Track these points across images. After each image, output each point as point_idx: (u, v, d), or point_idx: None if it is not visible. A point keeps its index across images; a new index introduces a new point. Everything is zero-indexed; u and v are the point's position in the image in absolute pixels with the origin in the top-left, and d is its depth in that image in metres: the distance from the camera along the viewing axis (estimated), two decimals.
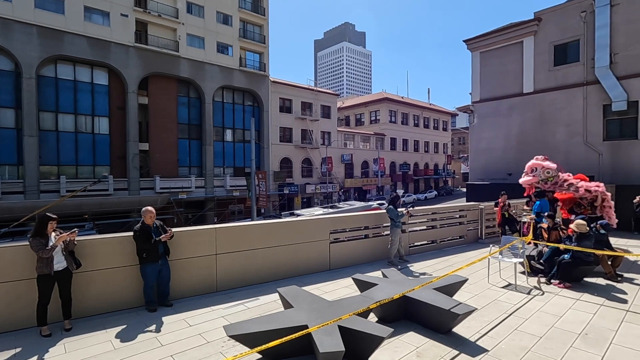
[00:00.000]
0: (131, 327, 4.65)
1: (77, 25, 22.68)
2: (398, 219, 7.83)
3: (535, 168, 8.15)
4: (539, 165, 8.13)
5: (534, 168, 8.18)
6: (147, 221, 5.26)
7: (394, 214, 7.82)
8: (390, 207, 7.94)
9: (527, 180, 8.22)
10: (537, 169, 8.11)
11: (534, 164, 8.25)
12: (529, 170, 8.27)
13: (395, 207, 7.96)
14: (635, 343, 4.16)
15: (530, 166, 8.28)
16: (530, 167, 8.27)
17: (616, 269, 6.79)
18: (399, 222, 7.87)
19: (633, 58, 13.67)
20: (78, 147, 23.75)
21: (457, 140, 69.12)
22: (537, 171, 8.08)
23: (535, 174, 8.10)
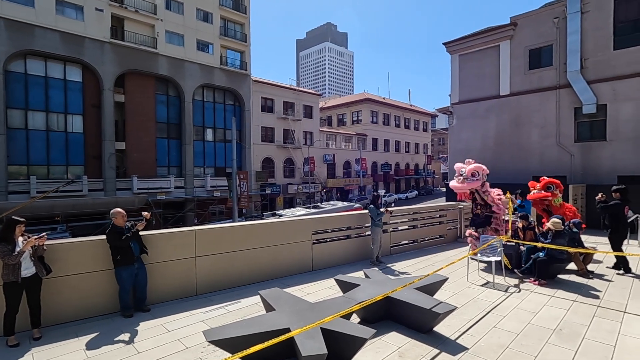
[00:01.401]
0: (105, 334, 4.47)
1: (48, 19, 21.73)
2: (377, 218, 7.87)
3: (477, 172, 7.65)
4: (480, 169, 7.68)
5: (475, 172, 7.66)
6: (118, 223, 5.07)
7: (374, 213, 7.89)
8: (371, 207, 8.00)
9: (473, 185, 7.64)
10: (479, 173, 7.66)
11: (476, 167, 7.71)
12: (470, 174, 7.66)
13: (377, 206, 7.97)
14: (605, 337, 4.33)
15: (471, 170, 7.69)
16: (471, 170, 7.69)
17: (587, 266, 7.08)
18: (379, 221, 7.90)
19: (601, 63, 14.31)
20: (50, 146, 22.75)
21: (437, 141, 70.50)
22: (479, 175, 7.66)
23: (478, 178, 7.64)
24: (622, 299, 5.62)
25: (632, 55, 13.63)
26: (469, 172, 7.69)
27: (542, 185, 8.42)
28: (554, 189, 8.18)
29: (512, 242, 7.22)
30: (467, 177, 7.65)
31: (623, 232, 7.45)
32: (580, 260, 6.97)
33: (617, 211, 7.35)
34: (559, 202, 8.27)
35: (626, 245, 9.77)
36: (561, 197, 8.42)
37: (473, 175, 7.64)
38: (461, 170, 7.84)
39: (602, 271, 7.23)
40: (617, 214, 7.35)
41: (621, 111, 13.91)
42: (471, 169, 7.69)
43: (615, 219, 7.36)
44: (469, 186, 7.68)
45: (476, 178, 7.61)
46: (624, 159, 13.86)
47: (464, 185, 7.69)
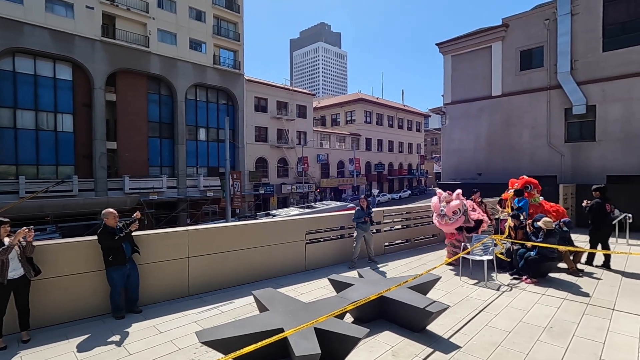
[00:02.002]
0: (96, 336, 4.41)
1: (37, 16, 21.36)
2: (356, 220, 7.79)
3: (458, 210, 7.27)
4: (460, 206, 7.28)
5: (456, 211, 7.28)
6: (110, 223, 5.01)
7: (355, 215, 7.86)
8: (357, 209, 7.95)
9: (456, 224, 7.32)
10: (460, 210, 7.28)
11: (456, 206, 7.28)
12: (451, 213, 7.28)
13: (362, 208, 7.81)
14: (595, 334, 4.40)
15: (451, 210, 7.26)
16: (451, 210, 7.26)
17: (577, 264, 7.19)
18: (361, 223, 7.76)
19: (591, 65, 14.53)
20: (39, 145, 22.38)
21: (430, 141, 70.96)
22: (460, 212, 7.31)
23: (460, 216, 7.30)
24: (611, 297, 5.71)
25: (621, 57, 13.87)
26: (449, 212, 7.24)
27: (520, 185, 8.47)
28: (532, 189, 8.22)
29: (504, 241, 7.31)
30: (450, 217, 7.24)
31: (607, 230, 7.69)
32: (570, 258, 7.07)
33: (598, 209, 7.55)
34: (538, 202, 8.34)
35: (614, 244, 9.95)
36: (539, 196, 8.48)
37: (455, 214, 7.23)
38: (440, 210, 7.37)
39: (591, 269, 7.34)
40: (599, 212, 7.56)
41: (610, 112, 14.14)
42: (451, 209, 7.21)
43: (597, 217, 7.57)
44: (453, 226, 7.34)
45: (458, 216, 7.24)
46: (613, 159, 14.09)
47: (449, 227, 7.36)
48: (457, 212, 7.20)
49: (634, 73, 13.55)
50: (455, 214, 7.19)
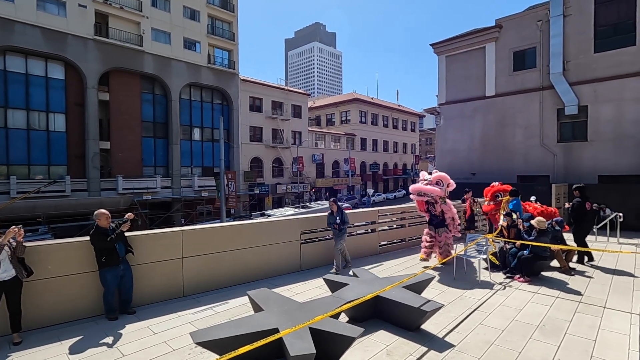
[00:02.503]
0: (89, 338, 4.38)
1: (28, 14, 21.09)
2: (329, 225, 7.34)
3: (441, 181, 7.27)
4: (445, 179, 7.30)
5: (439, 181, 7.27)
6: (102, 224, 4.96)
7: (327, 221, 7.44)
8: (328, 213, 7.54)
9: (435, 191, 7.14)
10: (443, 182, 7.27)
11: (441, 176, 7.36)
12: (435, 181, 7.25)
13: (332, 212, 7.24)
14: (587, 332, 4.46)
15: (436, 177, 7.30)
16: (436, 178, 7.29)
17: (569, 263, 7.27)
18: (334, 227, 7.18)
19: (582, 66, 14.71)
20: (30, 145, 22.11)
21: (425, 141, 71.27)
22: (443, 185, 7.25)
23: (441, 187, 7.22)
24: (602, 295, 5.79)
25: (612, 58, 14.05)
26: (434, 179, 7.25)
27: (490, 197, 8.66)
28: (502, 196, 8.35)
29: (497, 240, 7.37)
30: (431, 183, 7.22)
31: (587, 227, 8.08)
32: (562, 257, 7.15)
33: (580, 208, 7.83)
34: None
35: (606, 243, 10.08)
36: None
37: (437, 184, 7.21)
38: (426, 177, 7.47)
39: (583, 268, 7.43)
40: (580, 211, 7.83)
41: (602, 112, 14.32)
42: (437, 177, 7.29)
43: (578, 215, 7.84)
44: (432, 191, 7.13)
45: (440, 187, 7.18)
46: (605, 159, 14.27)
47: (426, 188, 7.16)
48: (440, 182, 7.24)
49: (625, 74, 13.75)
50: (437, 184, 7.22)
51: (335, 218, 7.11)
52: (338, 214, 7.14)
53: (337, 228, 7.07)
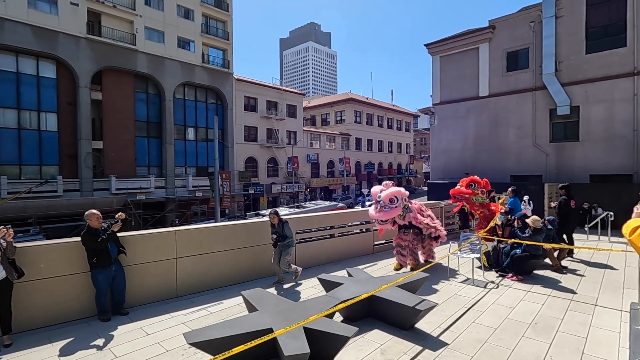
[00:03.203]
0: (81, 339, 4.33)
1: (19, 12, 20.78)
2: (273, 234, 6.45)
3: (396, 198, 6.62)
4: (399, 194, 6.67)
5: (393, 198, 6.61)
6: (93, 224, 4.91)
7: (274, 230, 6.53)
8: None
9: (391, 213, 6.58)
10: (398, 198, 6.63)
11: (393, 192, 6.65)
12: (387, 200, 6.59)
13: (273, 225, 6.43)
14: (578, 330, 4.51)
15: (388, 196, 6.61)
16: (388, 196, 6.60)
17: (561, 262, 7.35)
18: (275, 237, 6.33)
19: (574, 67, 14.88)
20: (22, 145, 21.79)
21: (419, 141, 71.59)
22: (398, 201, 6.63)
23: (397, 204, 6.61)
24: (594, 293, 5.86)
25: (603, 59, 14.23)
26: (386, 199, 6.55)
27: (466, 182, 8.25)
28: (476, 188, 8.05)
29: (491, 239, 7.43)
30: (385, 204, 6.55)
31: (573, 224, 8.39)
32: (554, 256, 7.23)
33: (566, 206, 8.32)
34: (479, 202, 8.07)
35: (597, 242, 10.21)
36: (485, 197, 8.17)
37: (391, 202, 6.55)
38: (378, 197, 6.71)
39: (575, 266, 7.52)
40: (565, 209, 8.27)
41: (593, 113, 14.50)
42: (388, 195, 6.57)
43: (565, 213, 8.24)
44: (387, 216, 6.56)
45: (395, 205, 6.56)
46: (596, 159, 14.45)
47: (380, 215, 6.56)
48: (394, 200, 6.55)
49: (615, 75, 13.93)
50: (392, 202, 6.54)
51: (275, 232, 6.31)
52: (279, 227, 6.32)
53: (275, 242, 6.27)
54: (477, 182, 8.16)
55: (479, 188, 8.07)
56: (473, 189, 8.00)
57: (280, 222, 6.37)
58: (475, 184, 8.09)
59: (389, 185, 6.88)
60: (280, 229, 6.31)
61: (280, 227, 6.33)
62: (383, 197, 6.60)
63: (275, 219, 6.37)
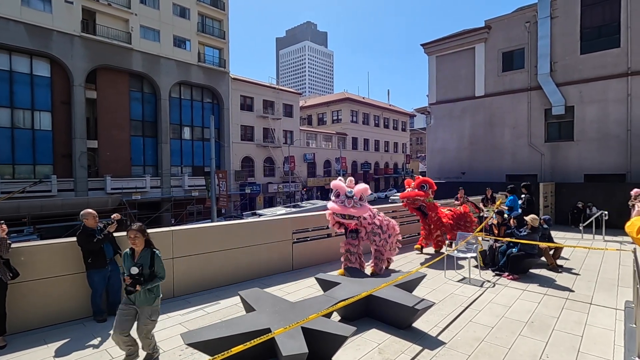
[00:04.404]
0: (77, 340, 4.29)
1: (12, 10, 20.56)
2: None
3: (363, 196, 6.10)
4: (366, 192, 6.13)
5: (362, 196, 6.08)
6: (89, 224, 4.88)
7: None
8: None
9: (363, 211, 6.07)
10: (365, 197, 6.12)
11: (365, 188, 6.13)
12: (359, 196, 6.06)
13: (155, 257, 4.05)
14: (574, 328, 4.54)
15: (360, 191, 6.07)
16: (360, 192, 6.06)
17: (556, 260, 7.41)
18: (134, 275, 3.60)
19: (569, 67, 14.99)
20: (15, 144, 21.58)
21: (416, 141, 71.79)
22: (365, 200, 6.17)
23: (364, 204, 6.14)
24: (589, 291, 5.91)
25: (597, 60, 14.35)
26: (358, 194, 5.97)
27: (417, 184, 8.02)
28: (427, 189, 7.92)
29: (487, 238, 7.47)
30: (357, 200, 5.95)
31: None
32: (550, 255, 7.29)
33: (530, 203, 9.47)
34: (431, 201, 8.15)
35: (591, 241, 10.30)
36: (432, 197, 8.16)
37: (361, 199, 5.99)
38: (347, 191, 6.02)
39: (570, 265, 7.58)
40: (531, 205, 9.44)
41: (587, 113, 14.62)
42: (360, 191, 6.01)
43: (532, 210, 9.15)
44: (361, 212, 5.96)
45: (364, 202, 6.04)
46: (590, 159, 14.58)
47: (355, 212, 5.90)
48: (363, 198, 6.04)
49: (609, 75, 14.06)
50: (361, 200, 6.01)
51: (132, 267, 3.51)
52: (144, 256, 3.63)
53: (132, 284, 3.44)
54: (429, 183, 7.99)
55: (429, 189, 7.94)
56: (425, 190, 7.85)
57: (148, 248, 3.67)
58: (427, 185, 7.93)
59: (352, 181, 6.28)
60: (147, 260, 3.58)
61: (145, 256, 3.60)
62: (356, 192, 6.01)
63: (139, 240, 3.62)
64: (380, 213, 6.97)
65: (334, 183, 6.34)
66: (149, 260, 3.64)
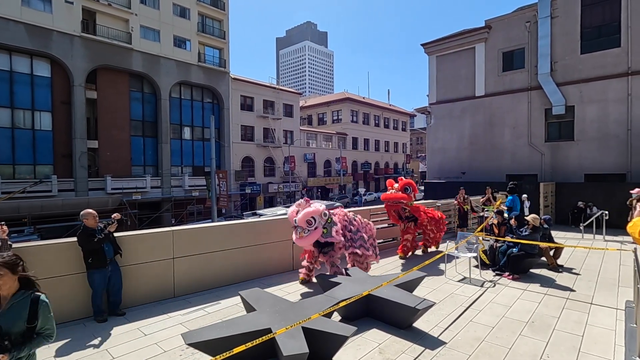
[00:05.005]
0: (77, 340, 4.30)
1: (12, 10, 20.56)
2: None
3: (313, 219, 5.72)
4: (316, 213, 5.76)
5: (310, 220, 5.72)
6: (89, 224, 4.88)
7: None
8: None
9: (314, 236, 5.73)
10: (316, 219, 5.74)
11: (308, 213, 5.73)
12: (305, 224, 5.71)
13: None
14: (574, 328, 4.54)
15: (303, 218, 5.71)
16: (304, 219, 5.71)
17: (557, 260, 7.41)
18: None
19: (569, 67, 14.99)
20: (15, 144, 21.57)
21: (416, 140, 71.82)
22: (317, 221, 5.74)
23: (316, 225, 5.73)
24: (589, 291, 5.91)
25: (597, 60, 14.35)
26: (302, 223, 5.69)
27: (400, 186, 7.71)
28: (410, 191, 7.71)
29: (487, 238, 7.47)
30: (304, 228, 5.71)
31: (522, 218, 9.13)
32: (550, 254, 7.28)
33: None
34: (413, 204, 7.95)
35: (592, 240, 10.29)
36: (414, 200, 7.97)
37: (309, 224, 5.71)
38: (294, 221, 5.82)
39: (570, 265, 7.57)
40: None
41: (587, 112, 14.62)
42: (303, 218, 5.70)
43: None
44: (308, 241, 5.75)
45: (314, 226, 5.72)
46: (590, 158, 14.58)
47: (301, 242, 5.78)
48: (311, 222, 5.71)
49: (609, 75, 14.06)
50: (309, 225, 5.71)
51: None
52: (22, 303, 2.35)
53: None
54: (412, 186, 7.73)
55: (412, 192, 7.71)
56: (408, 193, 7.62)
57: (24, 292, 2.40)
58: (410, 187, 7.67)
59: (303, 205, 5.96)
60: (20, 312, 2.32)
61: (20, 305, 2.34)
62: (299, 222, 5.72)
63: (4, 280, 2.30)
64: (357, 217, 6.74)
65: (288, 213, 6.15)
66: (25, 312, 2.28)
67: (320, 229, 5.81)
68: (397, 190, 7.67)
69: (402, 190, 7.65)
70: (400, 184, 7.80)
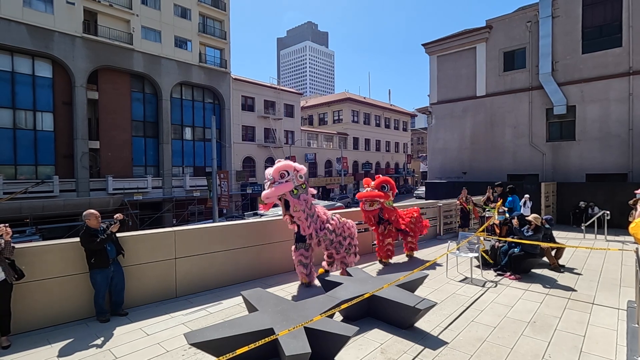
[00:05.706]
0: (80, 340, 4.31)
1: (13, 10, 20.61)
2: None
3: (287, 172, 5.76)
4: (290, 168, 5.80)
5: (284, 172, 5.75)
6: (91, 224, 4.90)
7: None
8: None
9: (282, 188, 5.68)
10: (290, 173, 5.77)
11: (284, 165, 5.81)
12: (278, 175, 5.73)
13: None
14: (575, 328, 4.55)
15: (278, 170, 5.77)
16: (278, 170, 5.76)
17: (558, 260, 7.40)
18: None
19: (570, 67, 14.97)
20: (17, 144, 21.63)
21: (417, 140, 71.72)
22: (290, 175, 5.77)
23: (288, 178, 5.73)
24: (591, 291, 5.91)
25: (598, 59, 14.33)
26: (276, 174, 5.72)
27: (377, 184, 7.26)
28: (388, 190, 7.28)
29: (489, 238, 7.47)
30: (275, 180, 5.71)
31: None
32: (552, 254, 7.28)
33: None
34: (391, 204, 7.54)
35: (594, 240, 10.28)
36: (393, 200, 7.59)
37: (282, 177, 5.72)
38: (269, 175, 5.87)
39: (572, 265, 7.57)
40: None
41: (588, 112, 14.60)
42: (278, 168, 5.77)
43: None
44: (277, 191, 5.65)
45: (285, 179, 5.70)
46: (591, 158, 14.56)
47: (270, 191, 5.64)
48: (284, 174, 5.73)
49: (610, 75, 14.04)
50: (282, 177, 5.72)
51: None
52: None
53: None
54: (390, 184, 7.32)
55: (390, 190, 7.29)
56: (385, 191, 7.18)
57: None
58: (387, 185, 7.25)
59: (281, 161, 6.05)
60: None
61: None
62: (272, 173, 5.76)
63: None
64: (334, 216, 6.60)
65: (266, 170, 6.08)
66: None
67: (292, 184, 5.73)
68: (372, 189, 7.16)
69: (378, 189, 7.16)
70: (377, 181, 7.32)
